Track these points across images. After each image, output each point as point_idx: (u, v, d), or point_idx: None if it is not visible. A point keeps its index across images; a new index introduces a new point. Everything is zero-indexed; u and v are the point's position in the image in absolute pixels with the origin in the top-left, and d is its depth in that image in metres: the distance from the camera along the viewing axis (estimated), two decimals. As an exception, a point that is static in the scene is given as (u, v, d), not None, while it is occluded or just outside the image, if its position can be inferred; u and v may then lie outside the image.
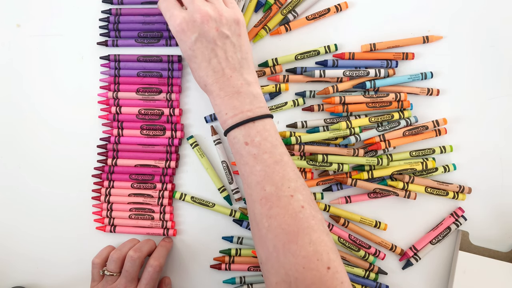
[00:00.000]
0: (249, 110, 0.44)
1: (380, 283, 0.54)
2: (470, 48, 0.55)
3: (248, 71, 0.45)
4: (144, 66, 0.53)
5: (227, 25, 0.44)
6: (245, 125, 0.43)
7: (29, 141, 0.55)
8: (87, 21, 0.54)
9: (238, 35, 0.45)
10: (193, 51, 0.44)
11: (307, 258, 0.39)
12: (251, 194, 0.43)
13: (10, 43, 0.55)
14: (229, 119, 0.44)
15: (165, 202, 0.54)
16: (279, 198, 0.41)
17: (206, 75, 0.45)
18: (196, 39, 0.44)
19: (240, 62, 0.45)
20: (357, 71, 0.53)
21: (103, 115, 0.54)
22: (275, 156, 0.42)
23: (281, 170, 0.42)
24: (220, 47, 0.44)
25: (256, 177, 0.42)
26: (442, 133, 0.54)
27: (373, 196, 0.54)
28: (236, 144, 0.44)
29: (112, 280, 0.49)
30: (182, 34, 0.44)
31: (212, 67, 0.44)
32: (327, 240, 0.40)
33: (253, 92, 0.45)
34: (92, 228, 0.55)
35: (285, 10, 0.53)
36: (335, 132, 0.52)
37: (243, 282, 0.53)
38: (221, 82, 0.44)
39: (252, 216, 0.43)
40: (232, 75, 0.44)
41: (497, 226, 0.55)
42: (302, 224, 0.40)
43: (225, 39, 0.44)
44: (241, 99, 0.44)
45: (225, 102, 0.44)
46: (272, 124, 0.45)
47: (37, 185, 0.55)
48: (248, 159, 0.43)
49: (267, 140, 0.43)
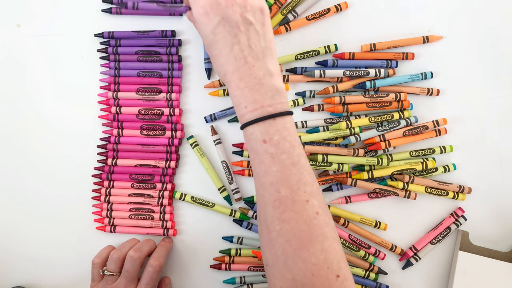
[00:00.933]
0: (270, 105, 0.41)
1: (380, 283, 0.54)
2: (470, 48, 0.55)
3: (271, 61, 0.42)
4: (144, 66, 0.53)
5: (252, 11, 0.42)
6: (265, 122, 0.40)
7: (29, 141, 0.55)
8: (87, 21, 0.54)
9: (262, 24, 0.43)
10: (214, 35, 0.41)
11: (318, 265, 0.38)
12: (264, 195, 0.41)
13: (10, 43, 0.55)
14: (247, 113, 0.41)
15: (165, 202, 0.54)
16: (294, 202, 0.39)
17: (227, 62, 0.42)
18: (219, 22, 0.41)
19: (264, 51, 0.42)
20: (357, 71, 0.53)
21: (103, 115, 0.54)
22: (293, 157, 0.40)
23: (298, 173, 0.40)
24: (244, 33, 0.41)
25: (272, 178, 0.40)
26: (442, 133, 0.54)
27: (373, 196, 0.54)
28: (252, 140, 0.41)
29: (112, 280, 0.49)
30: (204, 16, 0.41)
31: (234, 54, 0.41)
32: (338, 248, 0.40)
33: (275, 85, 0.41)
34: (92, 228, 0.55)
35: (285, 10, 0.53)
36: (335, 132, 0.52)
37: (243, 282, 0.53)
38: (242, 71, 0.41)
39: (263, 217, 0.41)
40: (255, 64, 0.41)
41: (497, 226, 0.55)
42: (315, 231, 0.39)
43: (248, 26, 0.41)
44: (262, 91, 0.41)
45: (245, 94, 0.41)
46: (292, 123, 0.42)
47: (37, 185, 0.55)
48: (264, 158, 0.40)
49: (286, 140, 0.40)
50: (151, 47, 0.53)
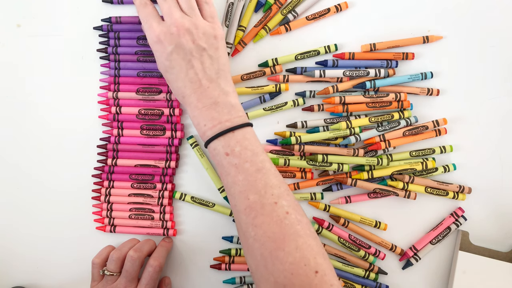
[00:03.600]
0: (228, 120, 0.44)
1: (380, 283, 0.54)
2: (470, 48, 0.55)
3: (225, 81, 0.46)
4: (144, 66, 0.53)
5: (204, 38, 0.45)
6: (225, 136, 0.43)
7: (29, 141, 0.55)
8: (87, 21, 0.54)
9: (216, 48, 0.46)
10: (170, 62, 0.44)
11: (294, 264, 0.39)
12: (236, 204, 0.43)
13: (10, 43, 0.55)
14: (208, 131, 0.44)
15: (165, 202, 0.54)
16: (263, 206, 0.41)
17: (183, 86, 0.45)
18: (172, 50, 0.44)
19: (218, 73, 0.45)
20: (357, 71, 0.53)
21: (103, 115, 0.54)
22: (256, 164, 0.42)
23: (264, 178, 0.42)
24: (197, 58, 0.44)
25: (239, 187, 0.42)
26: (442, 133, 0.54)
27: (373, 196, 0.54)
28: (216, 155, 0.44)
29: (112, 280, 0.49)
30: (159, 45, 0.44)
31: (189, 78, 0.44)
32: (314, 244, 0.40)
33: (231, 102, 0.45)
34: (92, 228, 0.55)
35: (285, 10, 0.53)
36: (335, 132, 0.52)
37: (243, 282, 0.53)
38: (198, 93, 0.44)
39: (239, 226, 0.43)
40: (210, 85, 0.44)
41: (497, 226, 0.55)
42: (287, 230, 0.40)
43: (202, 51, 0.45)
44: (219, 109, 0.44)
45: (203, 113, 0.44)
46: (252, 133, 0.44)
47: (37, 185, 0.55)
48: (229, 170, 0.43)
49: (247, 149, 0.43)
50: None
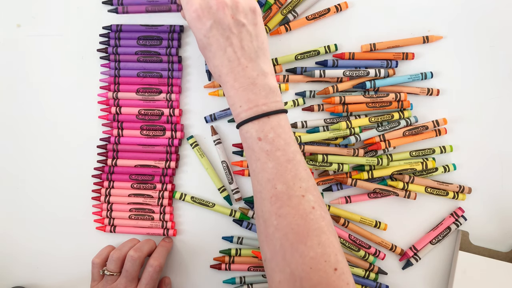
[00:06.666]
0: (264, 104, 0.42)
1: (380, 283, 0.54)
2: (470, 48, 0.55)
3: (264, 61, 0.44)
4: (144, 66, 0.53)
5: (243, 13, 0.43)
6: (259, 120, 0.42)
7: (29, 141, 0.55)
8: (87, 21, 0.54)
9: (255, 24, 0.44)
10: (208, 39, 0.43)
11: (315, 259, 0.38)
12: (261, 191, 0.42)
13: (10, 43, 0.55)
14: (243, 112, 0.42)
15: (165, 202, 0.54)
16: (290, 197, 0.40)
17: (221, 64, 0.43)
18: (211, 26, 0.42)
19: (257, 52, 0.43)
20: (357, 71, 0.53)
21: (103, 115, 0.54)
22: (288, 154, 0.41)
23: (294, 169, 0.41)
24: (236, 35, 0.43)
25: (268, 174, 0.41)
26: (442, 133, 0.54)
27: (373, 196, 0.54)
28: (248, 139, 0.42)
29: (112, 280, 0.49)
30: (197, 21, 0.43)
31: (227, 56, 0.43)
32: (335, 241, 0.40)
33: (269, 85, 0.43)
34: (92, 228, 0.55)
35: (285, 10, 0.53)
36: (335, 132, 0.52)
37: (243, 282, 0.53)
38: (236, 72, 0.43)
39: (260, 213, 0.42)
40: (248, 65, 0.43)
41: (497, 226, 0.55)
42: (312, 225, 0.40)
43: (241, 27, 0.43)
44: (256, 91, 0.42)
45: (240, 94, 0.42)
46: (286, 120, 0.43)
47: (37, 185, 0.55)
48: (260, 155, 0.42)
49: (280, 137, 0.42)
50: (151, 47, 0.53)
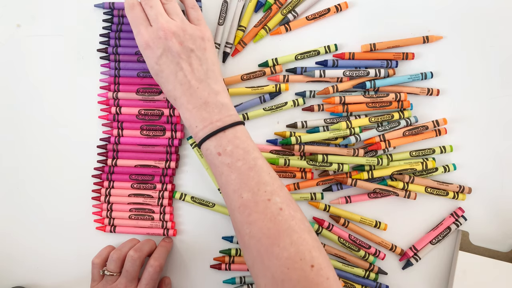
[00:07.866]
0: (219, 120, 0.44)
1: (380, 283, 0.54)
2: (470, 48, 0.55)
3: (215, 81, 0.46)
4: (144, 67, 0.53)
5: (191, 39, 0.45)
6: (216, 136, 0.43)
7: (29, 141, 0.55)
8: (87, 21, 0.54)
9: (204, 49, 0.46)
10: (159, 66, 0.45)
11: (290, 259, 0.39)
12: (230, 203, 0.43)
13: (10, 43, 0.55)
14: (200, 132, 0.44)
15: (165, 202, 0.54)
16: (256, 203, 0.41)
17: (173, 88, 0.45)
18: (161, 54, 0.45)
19: (206, 73, 0.46)
20: (357, 71, 0.53)
21: (103, 115, 0.54)
22: (248, 162, 0.43)
23: (256, 176, 0.42)
24: (185, 60, 0.45)
25: (233, 186, 0.42)
26: (442, 133, 0.54)
27: (373, 196, 0.54)
28: (209, 155, 0.44)
29: (112, 280, 0.49)
30: (147, 50, 0.45)
31: (179, 80, 0.45)
32: (309, 238, 0.41)
33: (221, 101, 0.45)
34: (92, 228, 0.55)
35: (285, 10, 0.53)
36: (335, 132, 0.52)
37: (243, 282, 0.53)
38: (188, 94, 0.45)
39: (234, 225, 0.43)
40: (199, 86, 0.45)
41: (497, 226, 0.55)
42: (281, 226, 0.40)
43: (190, 53, 0.45)
44: (209, 109, 0.44)
45: (194, 114, 0.44)
46: (243, 131, 0.45)
47: (37, 185, 0.55)
48: (222, 169, 0.43)
49: (239, 148, 0.43)
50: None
